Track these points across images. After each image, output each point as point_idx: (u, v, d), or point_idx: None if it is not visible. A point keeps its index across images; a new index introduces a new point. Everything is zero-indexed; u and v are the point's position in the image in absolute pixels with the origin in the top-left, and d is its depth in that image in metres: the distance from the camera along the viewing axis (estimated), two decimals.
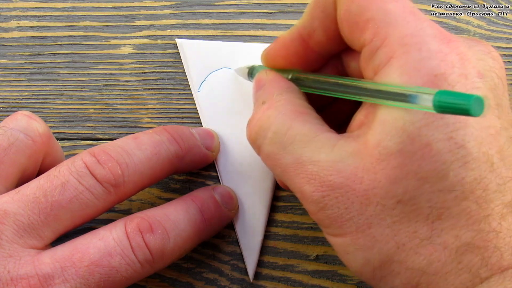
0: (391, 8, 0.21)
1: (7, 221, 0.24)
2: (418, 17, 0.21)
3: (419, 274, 0.21)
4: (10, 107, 0.33)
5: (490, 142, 0.20)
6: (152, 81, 0.33)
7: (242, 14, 0.34)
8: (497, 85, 0.21)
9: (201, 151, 0.30)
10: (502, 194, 0.20)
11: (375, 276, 0.22)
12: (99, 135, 0.33)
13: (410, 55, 0.20)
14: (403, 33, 0.21)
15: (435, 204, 0.20)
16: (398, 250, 0.21)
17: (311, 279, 0.31)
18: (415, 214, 0.20)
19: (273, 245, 0.32)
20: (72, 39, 0.34)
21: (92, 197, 0.25)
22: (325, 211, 0.22)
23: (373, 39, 0.21)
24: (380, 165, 0.20)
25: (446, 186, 0.20)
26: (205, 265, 0.31)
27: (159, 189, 0.32)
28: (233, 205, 0.30)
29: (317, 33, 0.24)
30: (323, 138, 0.23)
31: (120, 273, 0.24)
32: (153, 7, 0.34)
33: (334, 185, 0.21)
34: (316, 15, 0.24)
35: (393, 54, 0.21)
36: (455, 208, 0.20)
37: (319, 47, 0.25)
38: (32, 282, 0.23)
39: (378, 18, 0.21)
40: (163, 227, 0.26)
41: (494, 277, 0.20)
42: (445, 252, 0.20)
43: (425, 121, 0.20)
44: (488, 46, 0.22)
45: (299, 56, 0.26)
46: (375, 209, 0.21)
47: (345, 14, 0.22)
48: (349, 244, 0.22)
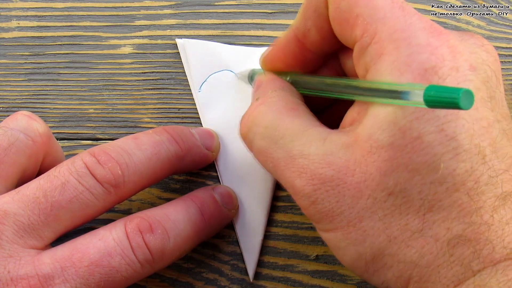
0: (379, 4, 0.21)
1: (7, 222, 0.24)
2: (407, 12, 0.21)
3: (411, 267, 0.21)
4: (10, 107, 0.33)
5: (482, 134, 0.20)
6: (152, 81, 0.33)
7: (242, 14, 0.34)
8: (490, 78, 0.21)
9: (201, 151, 0.30)
10: (494, 186, 0.20)
11: (367, 270, 0.22)
12: (99, 135, 0.33)
13: (400, 51, 0.20)
14: (393, 29, 0.21)
15: (426, 196, 0.20)
16: (389, 243, 0.21)
17: (311, 279, 0.31)
18: (406, 207, 0.20)
19: (273, 245, 0.32)
20: (72, 39, 0.34)
21: (92, 197, 0.25)
22: (316, 205, 0.22)
23: (363, 35, 0.21)
24: (371, 157, 0.21)
25: (437, 178, 0.20)
26: (205, 265, 0.31)
27: (159, 189, 0.32)
28: (233, 205, 0.30)
29: (312, 33, 0.25)
30: (313, 132, 0.23)
31: (120, 273, 0.24)
32: (153, 7, 0.34)
33: (325, 178, 0.21)
34: (309, 15, 0.24)
35: (383, 50, 0.21)
36: (446, 200, 0.20)
37: (315, 47, 0.25)
38: (32, 282, 0.23)
39: (367, 14, 0.21)
40: (163, 227, 0.26)
41: (486, 270, 0.20)
42: (436, 245, 0.20)
43: (416, 115, 0.20)
44: (481, 39, 0.22)
45: (296, 57, 0.26)
46: (366, 202, 0.21)
47: (335, 11, 0.22)
48: (341, 239, 0.22)
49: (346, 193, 0.21)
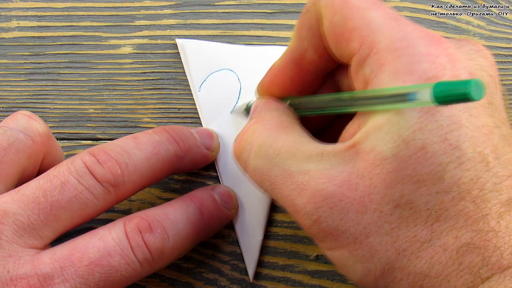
0: (373, 16, 0.21)
1: (7, 221, 0.24)
2: (401, 22, 0.21)
3: (421, 278, 0.20)
4: (10, 107, 0.33)
5: (484, 141, 0.20)
6: (152, 81, 0.33)
7: (242, 14, 0.34)
8: (488, 83, 0.21)
9: (201, 151, 0.30)
10: (499, 193, 0.20)
11: (377, 285, 0.21)
12: (99, 135, 0.33)
13: (401, 60, 0.20)
14: (391, 38, 0.21)
15: (433, 206, 0.20)
16: (399, 256, 0.20)
17: (311, 279, 0.31)
18: (413, 218, 0.20)
19: (273, 245, 0.32)
20: (72, 39, 0.34)
21: (91, 197, 0.25)
22: (320, 224, 0.21)
23: (360, 48, 0.21)
24: (375, 170, 0.20)
25: (443, 187, 0.20)
26: (205, 265, 0.31)
27: (159, 189, 0.32)
28: (232, 204, 0.30)
29: (309, 53, 0.24)
30: (310, 148, 0.22)
31: (120, 272, 0.24)
32: (153, 7, 0.34)
33: (327, 194, 0.21)
34: (304, 35, 0.24)
35: (383, 61, 0.21)
36: (453, 209, 0.20)
37: (313, 66, 0.25)
38: (31, 281, 0.23)
39: (362, 26, 0.21)
40: (163, 227, 0.26)
41: (494, 277, 0.19)
42: (445, 254, 0.20)
43: (419, 125, 0.20)
44: (478, 45, 0.22)
45: (294, 80, 0.26)
46: (372, 217, 0.20)
47: (329, 26, 0.22)
48: (348, 257, 0.21)
49: (350, 209, 0.21)
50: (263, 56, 0.33)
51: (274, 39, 0.34)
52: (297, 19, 0.34)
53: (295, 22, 0.34)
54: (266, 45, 0.33)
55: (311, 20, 0.23)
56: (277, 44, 0.34)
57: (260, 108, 0.26)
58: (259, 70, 0.32)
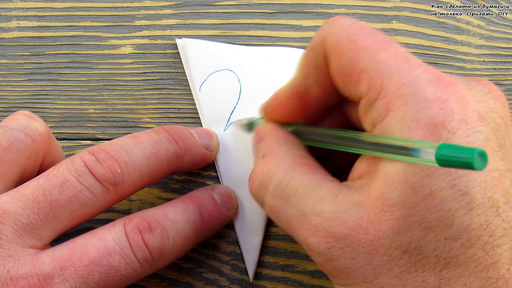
0: (382, 57, 0.21)
1: (7, 221, 0.24)
2: (411, 63, 0.21)
3: None
4: (10, 107, 0.33)
5: (495, 185, 0.20)
6: (152, 81, 0.33)
7: (242, 14, 0.34)
8: (499, 126, 0.21)
9: (200, 151, 0.30)
10: (509, 238, 0.20)
11: None
12: (99, 135, 0.33)
13: (408, 107, 0.20)
14: (399, 83, 0.20)
15: (441, 253, 0.20)
16: None
17: (311, 279, 0.31)
18: (422, 264, 0.20)
19: (273, 245, 0.32)
20: (72, 39, 0.34)
21: (91, 196, 0.25)
22: (332, 262, 0.22)
23: (369, 91, 0.21)
24: (384, 216, 0.20)
25: (452, 234, 0.20)
26: (205, 265, 0.31)
27: (159, 189, 0.32)
28: (232, 204, 0.30)
29: (313, 89, 0.24)
30: (325, 189, 0.22)
31: (120, 272, 0.24)
32: (153, 7, 0.34)
33: (339, 236, 0.21)
34: (309, 73, 0.24)
35: (391, 106, 0.20)
36: (462, 256, 0.20)
37: (317, 101, 0.25)
38: (31, 281, 0.23)
39: (371, 68, 0.21)
40: (162, 227, 0.26)
41: None
42: None
43: (427, 172, 0.19)
44: (489, 85, 0.22)
45: (297, 111, 0.26)
46: (381, 259, 0.21)
47: (337, 68, 0.22)
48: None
49: (361, 250, 0.21)
50: (263, 57, 0.33)
51: (274, 39, 0.34)
52: (297, 19, 0.34)
53: (295, 22, 0.34)
54: (266, 45, 0.33)
55: (317, 58, 0.23)
56: (277, 44, 0.34)
57: (269, 141, 0.26)
58: (259, 71, 0.32)
